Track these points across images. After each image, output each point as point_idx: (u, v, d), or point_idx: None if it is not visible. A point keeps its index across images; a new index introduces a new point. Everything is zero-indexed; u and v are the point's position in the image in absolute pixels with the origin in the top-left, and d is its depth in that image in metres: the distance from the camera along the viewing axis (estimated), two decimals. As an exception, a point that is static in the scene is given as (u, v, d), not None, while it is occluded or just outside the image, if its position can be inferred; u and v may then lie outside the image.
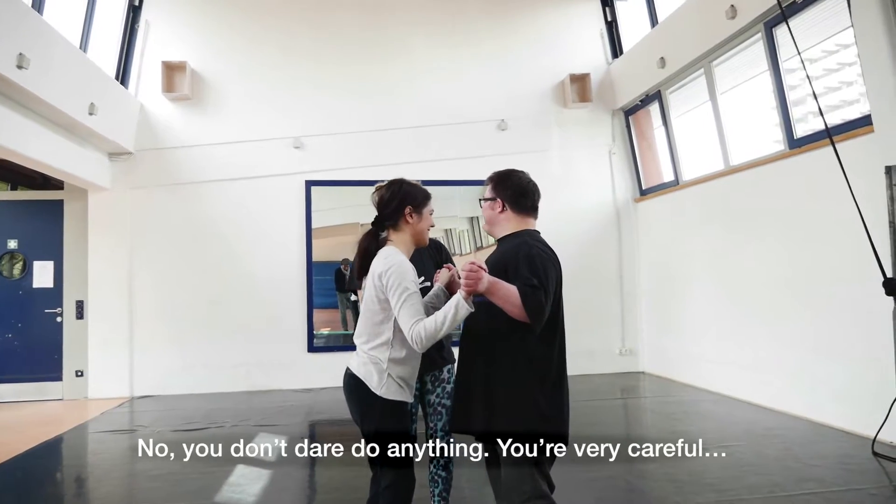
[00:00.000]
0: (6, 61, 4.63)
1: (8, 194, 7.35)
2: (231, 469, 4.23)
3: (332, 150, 7.55)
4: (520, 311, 2.17)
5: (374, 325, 2.34)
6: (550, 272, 2.27)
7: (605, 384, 7.26)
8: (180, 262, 7.29)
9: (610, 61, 8.03)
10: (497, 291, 2.20)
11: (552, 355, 2.32)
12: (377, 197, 2.49)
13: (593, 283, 7.87)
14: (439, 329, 2.18)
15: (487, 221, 2.56)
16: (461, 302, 2.16)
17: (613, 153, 8.05)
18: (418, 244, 2.52)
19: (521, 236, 2.42)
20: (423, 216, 2.48)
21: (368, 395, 2.31)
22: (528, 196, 2.53)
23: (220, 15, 7.59)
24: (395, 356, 2.32)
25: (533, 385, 2.27)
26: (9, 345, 7.02)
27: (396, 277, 2.27)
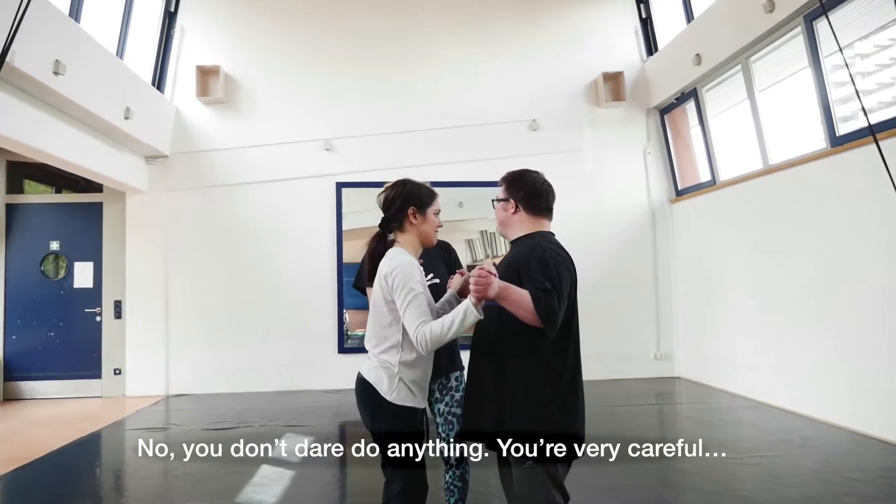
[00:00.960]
0: (43, 67, 4.76)
1: (51, 197, 7.58)
2: (255, 469, 4.26)
3: (362, 152, 7.57)
4: (532, 317, 2.10)
5: (383, 327, 2.31)
6: (564, 275, 2.19)
7: (639, 389, 7.09)
8: (214, 263, 7.41)
9: (645, 59, 7.86)
10: (508, 297, 2.13)
11: (566, 361, 2.25)
12: (382, 198, 2.46)
13: (627, 285, 7.72)
14: (445, 333, 2.13)
15: (500, 223, 2.49)
16: (470, 308, 2.11)
17: (648, 153, 7.88)
18: (425, 245, 2.48)
19: (535, 238, 2.34)
20: (427, 217, 2.44)
21: (379, 401, 2.27)
22: (541, 197, 2.45)
23: (253, 19, 7.69)
24: (406, 359, 2.28)
25: (545, 392, 2.20)
26: (51, 343, 7.24)
27: (402, 278, 2.23)
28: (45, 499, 4.08)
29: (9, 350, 7.17)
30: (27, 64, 4.53)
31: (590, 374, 7.75)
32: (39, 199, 7.49)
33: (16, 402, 7.01)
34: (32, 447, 5.02)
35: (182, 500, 3.92)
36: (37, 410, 6.59)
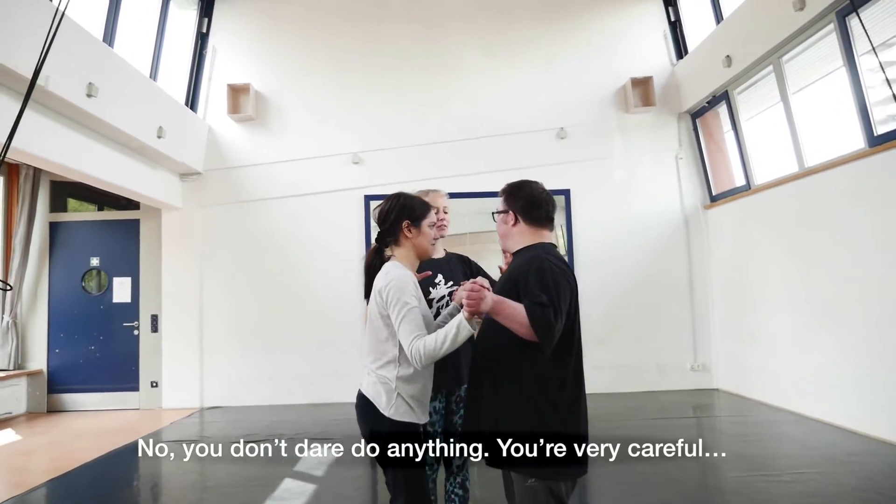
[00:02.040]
0: (76, 90, 4.94)
1: (91, 215, 7.83)
2: (278, 483, 4.28)
3: (390, 164, 7.61)
4: (527, 331, 2.05)
5: (380, 342, 2.28)
6: (563, 288, 2.13)
7: (675, 402, 6.90)
8: (247, 278, 7.53)
9: (674, 62, 7.70)
10: (502, 311, 2.09)
11: (566, 376, 2.18)
12: (377, 213, 2.45)
13: (661, 294, 7.54)
14: (439, 348, 2.10)
15: (501, 236, 2.43)
16: (463, 323, 2.07)
17: (680, 158, 7.70)
18: (422, 257, 2.46)
19: (534, 250, 2.29)
20: (422, 230, 2.42)
21: (377, 417, 2.25)
22: (541, 207, 2.39)
23: (281, 36, 7.84)
24: (403, 374, 2.25)
25: (545, 408, 2.13)
26: (91, 356, 7.46)
27: (396, 292, 2.21)
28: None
29: (52, 363, 7.42)
30: (61, 87, 4.70)
31: (624, 386, 7.66)
32: (80, 217, 7.74)
33: (59, 414, 7.24)
34: (70, 458, 5.16)
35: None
36: (77, 422, 6.78)
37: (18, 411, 7.15)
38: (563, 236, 7.62)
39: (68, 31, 4.75)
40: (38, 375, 7.36)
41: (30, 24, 4.10)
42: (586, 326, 7.45)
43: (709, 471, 4.39)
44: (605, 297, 7.51)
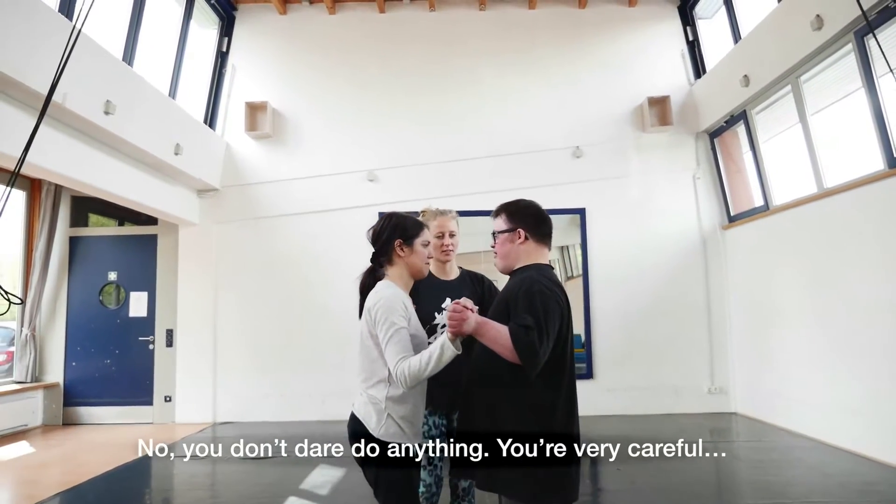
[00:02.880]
0: (94, 108, 5.03)
1: (109, 230, 7.93)
2: (282, 501, 4.26)
3: (405, 182, 7.62)
4: (511, 354, 2.01)
5: (370, 362, 2.26)
6: (551, 311, 2.09)
7: (691, 425, 6.75)
8: (260, 293, 7.56)
9: (692, 82, 7.65)
10: (486, 333, 2.06)
11: (558, 402, 2.14)
12: (370, 233, 2.44)
13: (678, 315, 7.42)
14: (423, 369, 2.08)
15: (503, 256, 2.37)
16: (446, 343, 2.05)
17: (698, 178, 7.61)
18: (416, 277, 2.44)
19: (528, 270, 2.25)
20: (415, 249, 2.40)
21: (367, 438, 2.22)
22: (546, 222, 2.38)
23: (298, 54, 7.94)
24: (393, 395, 2.22)
25: (536, 435, 2.09)
26: (107, 370, 7.53)
27: (383, 312, 2.19)
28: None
29: (69, 376, 7.51)
30: (78, 104, 4.80)
31: (639, 408, 7.52)
32: (99, 232, 7.85)
33: (74, 427, 7.30)
34: (81, 471, 5.20)
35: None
36: (91, 435, 6.83)
37: (34, 424, 7.22)
38: (577, 255, 7.56)
39: (86, 49, 4.87)
40: (55, 388, 7.44)
41: (48, 43, 4.18)
42: (601, 347, 7.40)
43: (720, 496, 4.27)
44: (620, 318, 7.42)
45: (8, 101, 4.36)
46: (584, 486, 4.59)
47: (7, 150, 4.25)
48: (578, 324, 7.48)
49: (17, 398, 7.01)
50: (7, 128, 4.18)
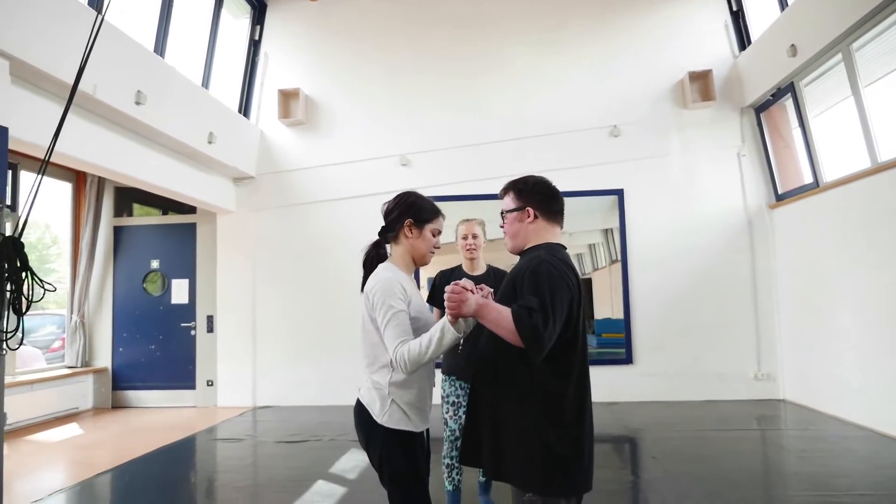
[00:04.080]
0: (124, 98, 5.11)
1: (151, 219, 8.14)
2: (311, 484, 4.28)
3: (438, 166, 7.55)
4: (514, 337, 1.90)
5: (372, 346, 2.20)
6: (560, 292, 1.96)
7: (737, 412, 6.50)
8: (297, 280, 7.63)
9: (736, 54, 7.29)
10: (487, 315, 1.95)
11: (567, 388, 2.02)
12: (384, 207, 2.37)
13: (723, 298, 7.15)
14: (423, 353, 1.99)
15: (512, 236, 2.25)
16: (447, 326, 1.96)
17: (743, 155, 7.28)
18: (418, 263, 2.36)
19: (538, 250, 2.13)
20: (423, 234, 2.31)
21: (371, 424, 2.16)
22: (558, 199, 2.25)
23: (330, 40, 7.92)
24: (397, 380, 2.15)
25: (544, 424, 1.98)
26: (152, 355, 7.75)
27: (381, 295, 2.12)
28: (122, 500, 4.32)
29: (116, 361, 7.76)
30: (108, 95, 4.87)
31: (681, 394, 7.29)
32: (141, 222, 8.06)
33: (122, 410, 7.55)
34: (125, 452, 5.36)
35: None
36: (137, 418, 7.05)
37: (85, 407, 7.50)
38: (614, 238, 7.35)
39: (116, 40, 4.95)
40: (104, 373, 7.71)
41: (78, 35, 4.23)
42: (641, 332, 7.20)
43: (760, 487, 4.08)
44: (660, 302, 7.20)
45: (41, 93, 4.45)
46: (616, 474, 4.47)
47: (43, 141, 4.33)
48: (617, 308, 7.30)
49: (69, 382, 7.28)
50: (42, 120, 4.27)
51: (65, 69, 4.23)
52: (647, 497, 4.06)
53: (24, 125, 4.23)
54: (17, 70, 4.10)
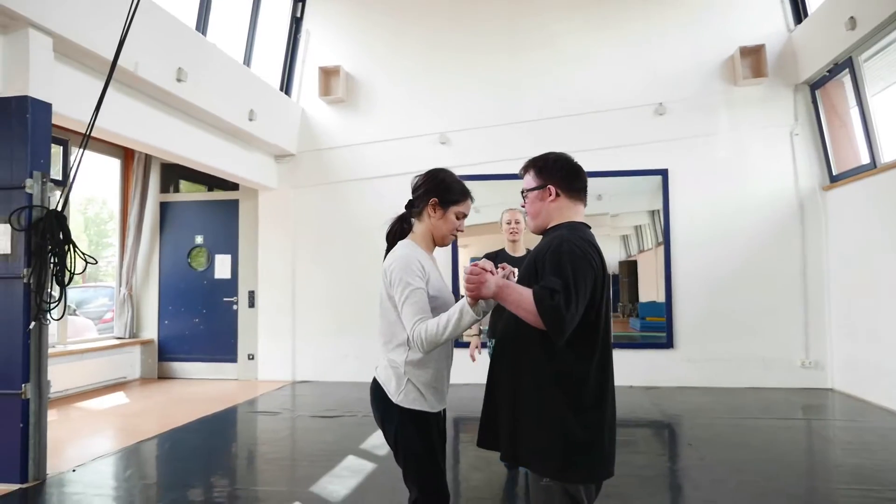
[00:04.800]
0: (166, 75, 5.19)
1: (195, 195, 8.31)
2: (340, 459, 4.33)
3: (478, 144, 7.46)
4: (535, 318, 1.84)
5: (389, 324, 2.17)
6: (583, 273, 1.89)
7: (781, 400, 6.30)
8: (336, 257, 7.70)
9: (791, 28, 6.94)
10: (508, 296, 1.89)
11: (588, 372, 1.95)
12: (414, 179, 2.32)
13: (769, 283, 6.91)
14: (441, 333, 1.95)
15: (533, 215, 2.17)
16: (466, 308, 1.91)
17: (796, 134, 6.96)
18: (438, 244, 2.30)
19: (560, 229, 2.05)
20: (447, 215, 2.24)
21: (386, 403, 2.14)
22: (580, 176, 2.17)
23: (370, 17, 7.87)
24: (413, 359, 2.12)
25: (563, 408, 1.92)
26: (195, 329, 7.97)
27: (399, 272, 2.08)
28: (159, 467, 4.46)
29: (162, 334, 8.01)
30: (150, 72, 4.95)
31: (723, 380, 7.11)
32: (186, 198, 8.24)
33: (167, 380, 7.81)
34: (166, 421, 5.55)
35: (262, 484, 4.06)
36: (181, 389, 7.27)
37: (133, 376, 7.78)
38: (658, 220, 7.16)
39: (158, 18, 5.02)
40: (150, 344, 7.97)
41: (119, 13, 4.29)
42: (683, 316, 7.03)
43: (800, 478, 3.94)
44: (704, 286, 7.00)
45: (85, 70, 4.55)
46: (651, 460, 4.38)
47: (87, 117, 4.44)
48: (659, 291, 7.13)
49: (117, 353, 7.56)
50: (86, 96, 4.36)
51: (107, 46, 4.29)
52: (680, 484, 3.97)
53: (68, 101, 4.34)
54: (60, 47, 4.20)
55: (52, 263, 3.92)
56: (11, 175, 3.89)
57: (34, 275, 3.86)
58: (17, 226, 3.83)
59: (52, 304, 3.93)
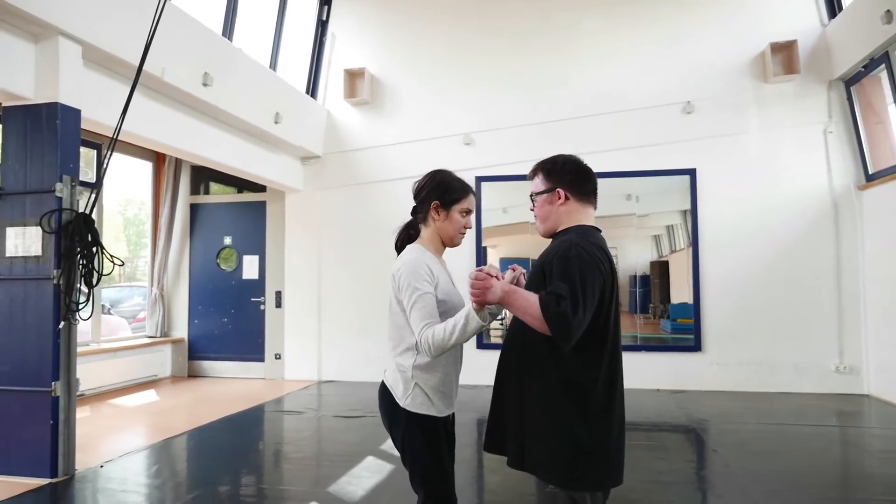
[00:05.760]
0: (192, 80, 5.28)
1: (224, 197, 8.45)
2: (360, 460, 4.35)
3: (503, 145, 7.43)
4: (541, 325, 1.82)
5: (398, 329, 2.18)
6: (590, 278, 1.86)
7: (814, 406, 6.14)
8: (361, 258, 7.75)
9: (825, 22, 6.75)
10: (514, 302, 1.87)
11: (596, 379, 1.92)
12: (414, 185, 2.32)
13: (802, 285, 6.73)
14: (447, 339, 1.95)
15: (542, 219, 2.15)
16: (471, 314, 1.90)
17: (830, 132, 6.76)
18: (447, 245, 2.30)
19: (569, 233, 2.03)
20: (450, 215, 2.23)
21: (393, 406, 2.15)
22: (589, 178, 2.13)
23: (396, 19, 7.90)
24: (421, 363, 2.12)
25: (570, 415, 1.90)
26: (224, 328, 8.10)
27: (406, 277, 2.08)
28: (181, 464, 4.55)
29: (192, 333, 8.16)
30: (176, 78, 5.05)
31: (752, 385, 6.97)
32: (215, 200, 8.39)
33: (197, 378, 7.95)
34: (194, 419, 5.66)
35: (281, 483, 4.10)
36: (210, 387, 7.40)
37: (164, 374, 7.95)
38: (686, 221, 7.04)
39: (184, 25, 5.12)
40: (181, 343, 8.13)
41: (146, 20, 4.39)
42: (711, 318, 6.90)
43: (829, 488, 3.83)
44: (734, 288, 6.86)
45: (113, 76, 4.66)
46: (672, 466, 4.31)
47: (115, 122, 4.55)
48: (687, 293, 7.01)
49: (149, 351, 7.73)
50: (115, 101, 4.46)
51: (134, 53, 4.38)
52: (701, 492, 3.90)
53: (97, 107, 4.45)
54: (90, 54, 4.31)
55: (80, 265, 4.02)
56: (42, 179, 4.01)
57: (63, 276, 3.97)
58: (47, 228, 3.95)
59: (80, 304, 4.03)
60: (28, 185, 4.03)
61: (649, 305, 7.18)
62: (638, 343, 6.99)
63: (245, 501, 3.74)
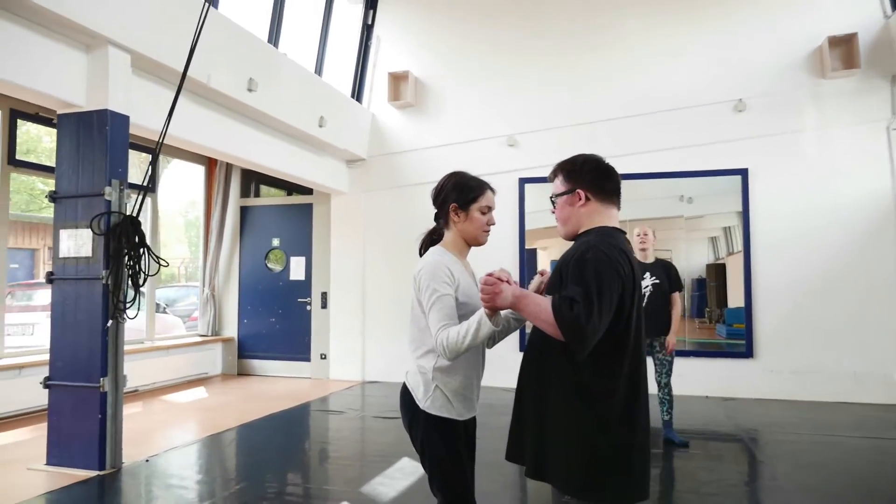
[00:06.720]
0: (237, 86, 5.43)
1: (273, 199, 8.65)
2: (395, 461, 4.37)
3: (547, 146, 7.36)
4: (554, 330, 1.77)
5: (419, 331, 2.17)
6: (608, 282, 1.79)
7: (873, 418, 5.83)
8: (405, 260, 7.75)
9: (888, 14, 6.42)
10: (526, 307, 1.83)
11: (616, 387, 1.85)
12: (433, 190, 2.32)
13: (862, 291, 6.42)
14: (461, 343, 1.93)
15: (563, 221, 2.09)
16: (483, 318, 1.87)
17: (893, 129, 6.43)
18: (472, 244, 2.29)
19: (589, 234, 1.97)
20: (470, 215, 2.22)
21: (413, 408, 2.15)
22: (612, 178, 2.06)
23: (439, 21, 7.93)
24: (441, 365, 2.11)
25: (589, 424, 1.83)
26: (272, 328, 8.29)
27: (426, 279, 2.08)
28: (224, 460, 4.67)
29: (242, 332, 8.38)
30: (222, 84, 5.20)
31: (807, 393, 6.70)
32: (264, 202, 8.60)
33: (246, 377, 8.17)
34: (240, 416, 5.81)
35: (314, 482, 4.16)
36: (258, 385, 7.59)
37: (214, 372, 8.19)
38: (737, 223, 6.80)
39: (229, 32, 5.27)
40: (231, 342, 8.36)
41: (192, 28, 4.53)
42: (764, 324, 6.67)
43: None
44: (788, 292, 6.59)
45: (161, 83, 4.83)
46: (714, 476, 4.16)
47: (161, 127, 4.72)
48: (739, 297, 6.77)
49: (200, 349, 7.98)
50: (163, 108, 4.62)
51: (181, 60, 4.54)
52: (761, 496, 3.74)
53: (146, 113, 4.62)
54: (138, 62, 4.48)
55: (127, 266, 4.18)
56: (93, 183, 4.19)
57: (111, 276, 4.14)
58: (97, 231, 4.12)
59: (127, 303, 4.19)
60: (80, 188, 4.22)
61: (705, 309, 6.97)
62: (686, 348, 6.79)
63: (277, 499, 3.81)
